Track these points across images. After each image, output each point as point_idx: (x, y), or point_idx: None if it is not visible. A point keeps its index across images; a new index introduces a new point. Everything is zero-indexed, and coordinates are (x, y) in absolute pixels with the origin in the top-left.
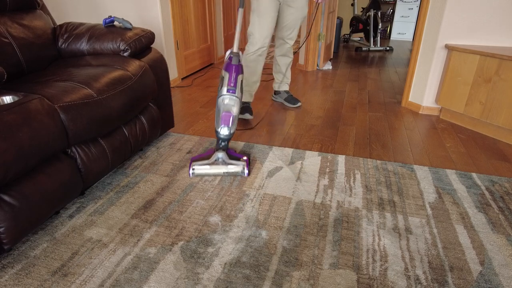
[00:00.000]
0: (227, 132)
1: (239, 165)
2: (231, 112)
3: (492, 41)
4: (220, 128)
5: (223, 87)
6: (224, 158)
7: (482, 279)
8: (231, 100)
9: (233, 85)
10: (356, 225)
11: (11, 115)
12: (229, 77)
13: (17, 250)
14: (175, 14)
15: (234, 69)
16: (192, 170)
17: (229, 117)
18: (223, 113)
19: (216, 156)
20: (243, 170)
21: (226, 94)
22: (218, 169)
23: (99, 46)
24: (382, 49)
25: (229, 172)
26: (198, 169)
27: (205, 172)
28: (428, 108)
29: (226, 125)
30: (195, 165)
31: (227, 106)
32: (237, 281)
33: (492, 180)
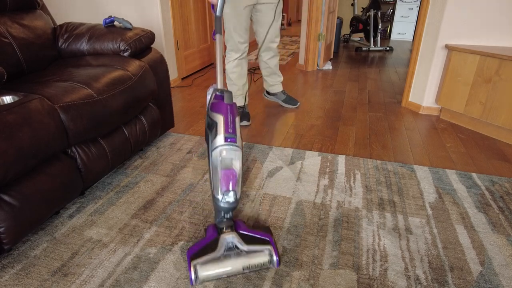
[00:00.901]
0: (233, 199)
1: (263, 251)
2: (234, 169)
3: (492, 41)
4: (221, 194)
5: (218, 136)
6: (237, 243)
7: (482, 279)
8: (232, 152)
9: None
10: (356, 225)
11: (11, 115)
12: (224, 121)
13: (17, 250)
14: (175, 14)
15: (230, 110)
16: (194, 275)
17: (233, 176)
18: (223, 171)
19: (225, 243)
20: (271, 259)
21: (224, 145)
22: (233, 263)
23: (99, 46)
24: (382, 49)
25: (250, 265)
26: (204, 270)
27: (215, 274)
28: (428, 108)
29: (230, 190)
30: (197, 264)
31: (227, 161)
32: (237, 281)
33: (492, 180)
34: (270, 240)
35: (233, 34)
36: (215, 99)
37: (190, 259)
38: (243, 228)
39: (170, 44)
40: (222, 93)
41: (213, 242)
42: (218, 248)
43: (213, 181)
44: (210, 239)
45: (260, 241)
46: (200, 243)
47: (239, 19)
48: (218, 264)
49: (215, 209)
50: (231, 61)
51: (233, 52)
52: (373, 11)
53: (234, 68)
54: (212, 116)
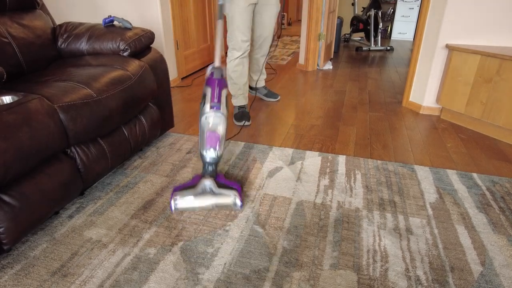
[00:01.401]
0: (214, 155)
1: (229, 195)
2: (217, 132)
3: (493, 41)
4: (205, 150)
5: (206, 104)
6: (212, 187)
7: (483, 280)
8: (216, 118)
9: (217, 101)
10: (357, 225)
11: (11, 115)
12: (211, 92)
13: (17, 251)
14: (175, 14)
15: (217, 83)
16: (174, 202)
17: (215, 137)
18: (208, 133)
19: (203, 185)
20: (234, 202)
21: (209, 112)
22: (205, 201)
23: (98, 46)
24: (383, 49)
25: (218, 204)
26: (182, 201)
27: (190, 205)
28: (429, 108)
29: (212, 147)
30: (177, 196)
31: (212, 126)
32: (237, 281)
33: (493, 180)
34: (238, 188)
35: (236, 33)
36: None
37: (174, 191)
38: (220, 178)
39: (170, 44)
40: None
41: (194, 184)
42: (196, 188)
43: (200, 140)
44: (193, 183)
45: (230, 188)
46: (185, 184)
47: (242, 17)
48: (193, 199)
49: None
50: (232, 60)
51: (235, 50)
52: (373, 11)
53: (236, 67)
54: (204, 89)
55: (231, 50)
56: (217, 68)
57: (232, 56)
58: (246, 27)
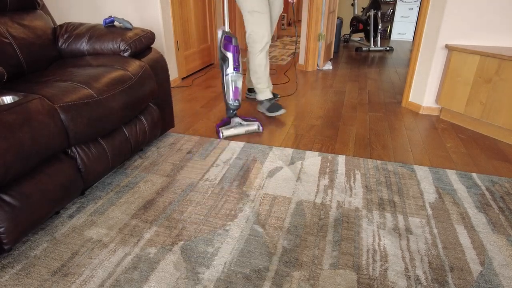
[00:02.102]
0: (238, 103)
1: (254, 124)
2: (238, 87)
3: (492, 41)
4: (231, 100)
5: (230, 67)
6: (241, 121)
7: (483, 279)
8: (238, 76)
9: (237, 64)
10: (356, 225)
11: (11, 115)
12: (233, 58)
13: (17, 250)
14: (175, 14)
15: (237, 50)
16: (221, 133)
17: (238, 90)
18: (234, 88)
19: (235, 121)
20: (259, 127)
21: (233, 72)
22: (240, 129)
23: (99, 46)
24: (382, 49)
25: (249, 130)
26: (226, 132)
27: (232, 133)
28: (428, 108)
29: (236, 98)
30: (222, 129)
31: (235, 82)
32: (237, 281)
33: (492, 180)
34: (257, 120)
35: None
36: (226, 40)
37: (218, 127)
38: (243, 117)
39: (170, 44)
40: (229, 36)
41: (228, 122)
42: (231, 123)
43: (226, 93)
44: (226, 121)
45: (253, 120)
46: (222, 122)
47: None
48: (232, 129)
49: (226, 108)
50: (255, 54)
51: (256, 43)
52: (373, 11)
53: (261, 61)
54: (224, 53)
55: (253, 44)
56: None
57: (255, 51)
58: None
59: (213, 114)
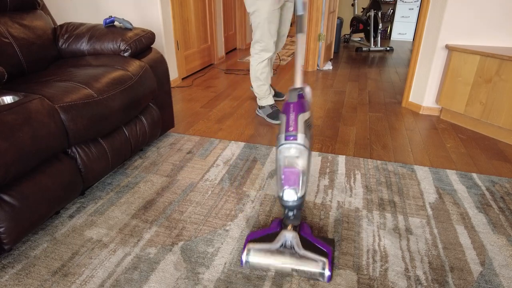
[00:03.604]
0: (295, 197)
1: (317, 261)
2: (295, 168)
3: (492, 41)
4: (282, 192)
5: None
6: (294, 244)
7: (483, 280)
8: (293, 150)
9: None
10: (357, 225)
11: (11, 115)
12: (286, 120)
13: (17, 250)
14: (175, 14)
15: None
16: (247, 255)
17: (294, 175)
18: (285, 170)
19: (284, 239)
20: (322, 272)
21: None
22: (284, 261)
23: (99, 46)
24: (383, 49)
25: (300, 270)
26: (255, 256)
27: (264, 263)
28: (429, 108)
29: (291, 187)
30: (252, 249)
31: (289, 159)
32: (237, 281)
33: (492, 180)
34: (329, 253)
35: (268, 35)
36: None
37: (248, 242)
38: (306, 232)
39: (170, 44)
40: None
41: (273, 235)
42: (275, 242)
43: (276, 180)
44: (271, 231)
45: (318, 251)
46: (262, 231)
47: (274, 18)
48: (270, 256)
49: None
50: (261, 62)
51: (264, 52)
52: (373, 11)
53: (264, 68)
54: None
55: (260, 52)
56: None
57: (260, 58)
58: (276, 28)
59: (213, 114)
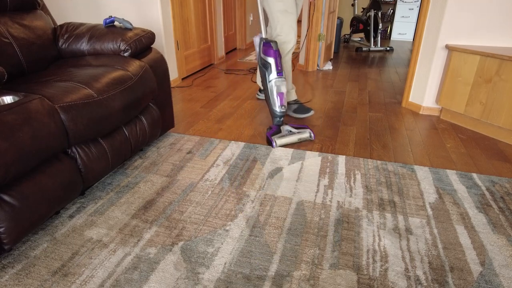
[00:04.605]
0: (284, 110)
1: (305, 132)
2: (283, 92)
3: (492, 41)
4: (278, 107)
5: (273, 72)
6: (291, 129)
7: (483, 280)
8: (282, 82)
9: (280, 69)
10: (357, 225)
11: (11, 115)
12: (275, 62)
13: (17, 250)
14: (175, 14)
15: (278, 54)
16: (274, 142)
17: (283, 96)
18: (277, 93)
19: (286, 129)
20: (310, 135)
21: (277, 78)
22: (292, 138)
23: (99, 46)
24: (383, 49)
25: (301, 138)
26: (280, 141)
27: (285, 142)
28: (429, 108)
29: (282, 104)
30: (275, 138)
31: (280, 88)
32: (237, 281)
33: (492, 180)
34: (308, 127)
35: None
36: (265, 46)
37: (270, 136)
38: (291, 124)
39: (170, 44)
40: (269, 42)
41: (278, 130)
42: (282, 131)
43: (271, 100)
44: (276, 129)
45: (303, 128)
46: (271, 131)
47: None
48: (285, 138)
49: (273, 116)
50: (284, 55)
51: (285, 43)
52: (373, 11)
53: (288, 62)
54: (265, 58)
55: (282, 45)
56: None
57: (285, 49)
58: (294, 18)
59: (213, 114)
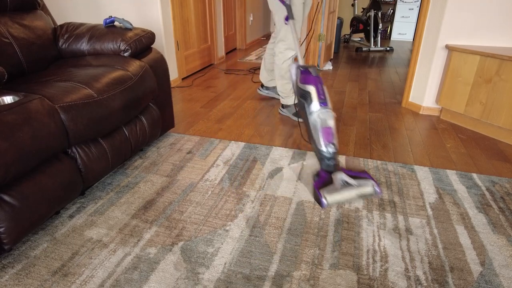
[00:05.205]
0: (333, 149)
1: (368, 184)
2: (330, 127)
3: (492, 41)
4: (324, 146)
5: (314, 102)
6: (347, 179)
7: (483, 280)
8: (327, 113)
9: (323, 97)
10: (357, 225)
11: (11, 115)
12: (316, 90)
13: (18, 250)
14: (176, 14)
15: (319, 80)
16: (324, 199)
17: (331, 130)
18: (323, 129)
19: (340, 180)
20: (375, 189)
21: (320, 109)
22: (349, 193)
23: (99, 46)
24: (383, 50)
25: (362, 193)
26: (331, 197)
27: (339, 199)
28: (429, 108)
29: (330, 142)
30: (324, 193)
31: (324, 121)
32: (237, 281)
33: (492, 180)
34: (370, 177)
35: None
36: (303, 74)
37: (318, 188)
38: (346, 171)
39: (170, 44)
40: (307, 68)
41: (329, 180)
42: (335, 183)
43: (315, 138)
44: (326, 178)
45: (363, 178)
46: (320, 180)
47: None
48: (338, 193)
49: (319, 158)
50: (286, 60)
51: (289, 50)
52: (373, 11)
53: (289, 67)
54: (303, 87)
55: (285, 51)
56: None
57: (285, 57)
58: (300, 26)
59: (213, 114)
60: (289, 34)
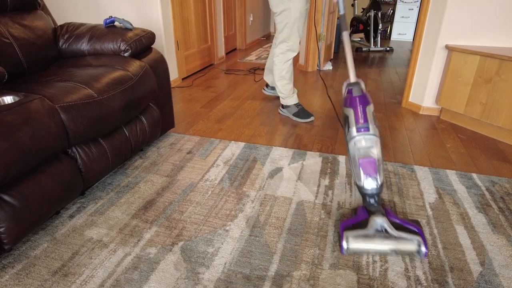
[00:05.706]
0: (375, 185)
1: (412, 240)
2: (371, 157)
3: (492, 41)
4: (362, 181)
5: (351, 128)
6: (387, 227)
7: (483, 280)
8: (367, 141)
9: (363, 121)
10: None
11: (12, 115)
12: (355, 112)
13: (18, 250)
14: (176, 14)
15: (359, 101)
16: (347, 243)
17: (371, 163)
18: (361, 160)
19: (376, 225)
20: (419, 249)
21: (357, 135)
22: (382, 244)
23: (99, 47)
24: (383, 50)
25: (398, 250)
26: (355, 242)
27: (364, 248)
28: (428, 108)
29: (369, 175)
30: (349, 236)
31: (364, 150)
32: (237, 281)
33: (492, 180)
34: (420, 232)
35: (296, 35)
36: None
37: (343, 230)
38: (392, 216)
39: (171, 44)
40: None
41: (364, 221)
42: (369, 227)
43: (354, 170)
44: (361, 218)
45: (410, 230)
46: (352, 219)
47: (303, 18)
48: (367, 241)
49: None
50: (288, 61)
51: (291, 52)
52: (373, 12)
53: (290, 67)
54: (344, 111)
55: (286, 52)
56: (354, 84)
57: (286, 58)
58: (302, 28)
59: (213, 114)
60: (293, 35)
